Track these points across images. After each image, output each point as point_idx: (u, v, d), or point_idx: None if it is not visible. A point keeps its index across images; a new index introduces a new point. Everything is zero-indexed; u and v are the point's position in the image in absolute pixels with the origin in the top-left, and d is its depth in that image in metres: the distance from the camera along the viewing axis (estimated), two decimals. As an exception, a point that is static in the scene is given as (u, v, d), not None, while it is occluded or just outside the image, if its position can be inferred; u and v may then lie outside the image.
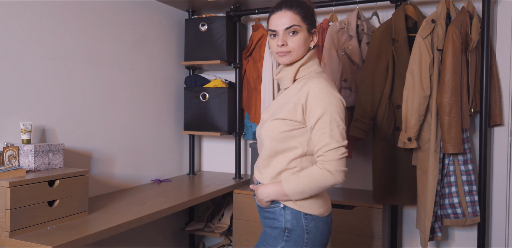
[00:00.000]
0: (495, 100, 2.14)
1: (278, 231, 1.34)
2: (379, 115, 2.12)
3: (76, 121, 2.00)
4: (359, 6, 2.31)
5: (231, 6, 2.59)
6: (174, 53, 2.72)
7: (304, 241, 1.31)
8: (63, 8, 1.92)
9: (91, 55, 2.07)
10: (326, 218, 1.36)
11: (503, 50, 2.17)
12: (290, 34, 1.32)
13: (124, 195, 2.10)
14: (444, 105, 1.94)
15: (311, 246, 1.32)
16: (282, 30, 1.32)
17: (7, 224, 1.39)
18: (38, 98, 1.82)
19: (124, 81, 2.29)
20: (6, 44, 1.69)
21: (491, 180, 2.22)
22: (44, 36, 1.84)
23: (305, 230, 1.31)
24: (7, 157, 1.60)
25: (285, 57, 1.34)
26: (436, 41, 2.00)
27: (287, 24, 1.31)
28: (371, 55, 2.10)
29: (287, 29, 1.31)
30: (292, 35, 1.32)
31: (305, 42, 1.34)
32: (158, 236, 2.60)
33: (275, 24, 1.33)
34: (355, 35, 2.23)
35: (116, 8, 2.23)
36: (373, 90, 2.10)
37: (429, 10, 2.27)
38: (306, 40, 1.34)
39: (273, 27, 1.34)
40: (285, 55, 1.33)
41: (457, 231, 2.33)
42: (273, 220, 1.36)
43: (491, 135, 2.22)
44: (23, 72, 1.75)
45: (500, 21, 2.18)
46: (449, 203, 2.06)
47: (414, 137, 2.01)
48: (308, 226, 1.31)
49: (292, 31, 1.32)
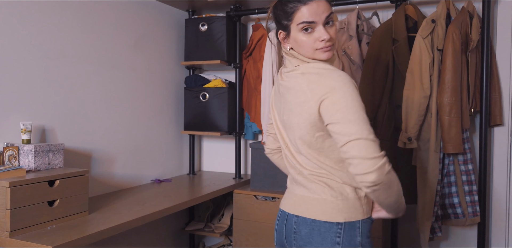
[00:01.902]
0: (495, 100, 2.14)
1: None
2: (379, 115, 2.12)
3: (76, 121, 2.00)
4: (359, 6, 2.31)
5: (231, 6, 2.59)
6: (174, 53, 2.72)
7: None
8: (63, 8, 1.92)
9: (91, 55, 2.07)
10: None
11: (503, 50, 2.17)
12: (328, 24, 1.16)
13: (124, 195, 2.10)
14: (444, 105, 1.94)
15: None
16: (323, 20, 1.14)
17: (7, 224, 1.39)
18: (38, 98, 1.82)
19: (124, 81, 2.29)
20: (7, 44, 1.69)
21: (491, 180, 2.22)
22: (44, 36, 1.84)
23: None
24: (7, 157, 1.60)
25: (329, 51, 1.18)
26: (436, 41, 2.00)
27: (326, 13, 1.14)
28: (371, 55, 2.10)
29: (327, 19, 1.15)
30: (329, 26, 1.16)
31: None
32: (158, 236, 2.60)
33: (313, 13, 1.13)
34: (355, 35, 2.23)
35: (116, 8, 2.23)
36: (373, 90, 2.10)
37: (429, 10, 2.27)
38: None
39: (311, 18, 1.13)
40: (330, 49, 1.17)
41: (457, 231, 2.33)
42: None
43: (491, 135, 2.22)
44: (23, 72, 1.75)
45: (500, 21, 2.18)
46: (449, 203, 2.06)
47: (414, 137, 2.01)
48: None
49: (331, 20, 1.16)
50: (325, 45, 1.16)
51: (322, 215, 1.19)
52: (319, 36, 1.15)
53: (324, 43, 1.15)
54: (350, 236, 1.18)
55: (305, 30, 1.16)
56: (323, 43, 1.15)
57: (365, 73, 2.12)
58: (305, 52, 1.19)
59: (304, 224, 1.22)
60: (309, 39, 1.16)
